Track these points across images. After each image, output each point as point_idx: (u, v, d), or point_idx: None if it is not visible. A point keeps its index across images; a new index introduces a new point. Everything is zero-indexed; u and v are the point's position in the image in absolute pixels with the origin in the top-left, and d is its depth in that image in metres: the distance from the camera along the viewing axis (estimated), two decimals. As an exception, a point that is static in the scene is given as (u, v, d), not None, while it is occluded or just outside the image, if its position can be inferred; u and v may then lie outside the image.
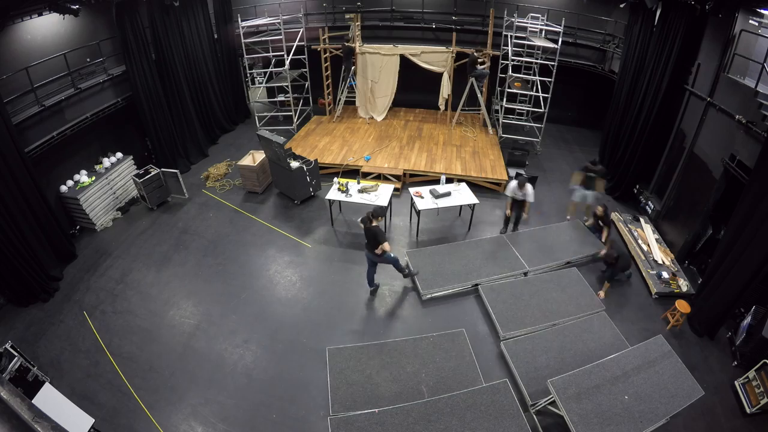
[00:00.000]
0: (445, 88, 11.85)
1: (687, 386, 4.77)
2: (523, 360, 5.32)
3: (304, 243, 7.99)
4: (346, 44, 11.48)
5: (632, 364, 4.99)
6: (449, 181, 8.65)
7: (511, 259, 7.02)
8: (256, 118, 12.38)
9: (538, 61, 10.67)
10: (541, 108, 10.91)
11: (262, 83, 12.54)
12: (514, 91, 10.96)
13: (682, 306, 6.07)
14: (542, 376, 5.01)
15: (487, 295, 6.33)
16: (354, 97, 12.91)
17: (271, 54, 11.06)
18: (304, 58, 11.91)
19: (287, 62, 11.06)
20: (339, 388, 5.13)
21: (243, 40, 10.99)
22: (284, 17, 10.98)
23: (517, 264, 6.96)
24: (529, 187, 7.30)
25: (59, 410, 4.56)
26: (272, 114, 12.72)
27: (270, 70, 11.74)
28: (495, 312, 6.03)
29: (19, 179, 6.52)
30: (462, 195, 8.10)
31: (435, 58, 11.58)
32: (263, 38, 11.31)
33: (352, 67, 11.93)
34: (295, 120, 12.15)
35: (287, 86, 11.53)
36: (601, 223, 7.42)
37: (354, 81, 12.13)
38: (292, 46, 11.24)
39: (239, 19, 10.89)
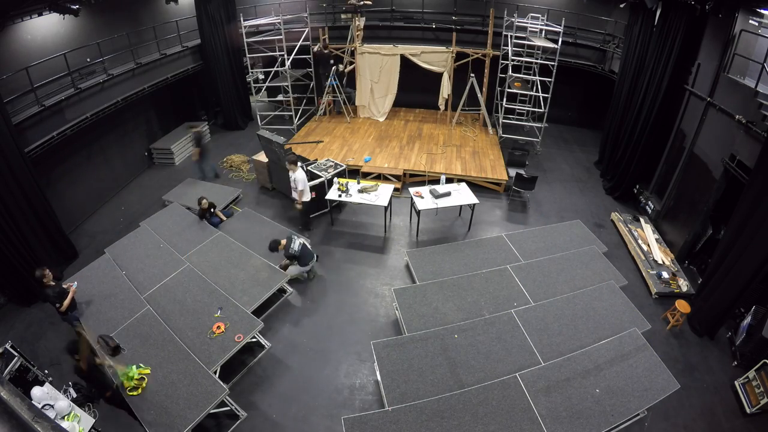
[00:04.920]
0: (445, 88, 11.86)
1: (662, 380, 4.76)
2: (536, 327, 5.52)
3: (304, 243, 7.99)
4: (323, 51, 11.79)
5: (605, 357, 4.99)
6: (449, 181, 8.65)
7: (511, 261, 7.02)
8: (258, 117, 12.39)
9: (538, 61, 10.67)
10: (541, 108, 10.92)
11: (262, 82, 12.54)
12: (514, 91, 10.97)
13: (682, 306, 6.07)
14: (555, 343, 5.28)
15: (516, 273, 6.53)
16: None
17: (276, 53, 11.01)
18: (310, 58, 11.88)
19: (287, 62, 11.06)
20: (411, 320, 5.69)
21: (245, 39, 11.00)
22: (285, 17, 10.98)
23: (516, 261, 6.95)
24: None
25: (59, 410, 4.56)
26: (275, 114, 12.70)
27: (276, 69, 11.74)
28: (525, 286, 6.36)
29: (20, 179, 6.51)
30: (462, 195, 8.10)
31: (435, 58, 11.58)
32: (265, 38, 11.32)
33: (332, 68, 11.98)
34: (295, 120, 12.15)
35: (287, 86, 11.53)
36: None
37: (335, 81, 12.16)
38: (295, 46, 11.23)
39: (241, 19, 10.90)
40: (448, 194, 8.00)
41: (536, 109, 11.31)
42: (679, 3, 7.21)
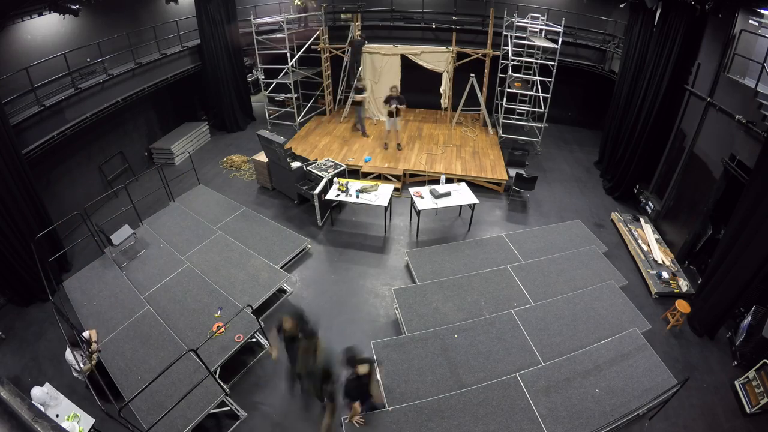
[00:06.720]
0: (445, 87, 11.85)
1: (662, 380, 4.77)
2: (536, 327, 5.54)
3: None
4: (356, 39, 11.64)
5: (605, 357, 5.00)
6: (449, 181, 8.65)
7: (511, 261, 7.02)
8: (266, 113, 12.38)
9: (538, 61, 10.66)
10: (541, 108, 10.92)
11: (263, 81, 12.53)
12: (514, 91, 10.96)
13: (682, 306, 6.07)
14: (555, 343, 5.31)
15: (516, 273, 6.54)
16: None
17: (287, 51, 11.02)
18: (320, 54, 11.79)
19: (290, 61, 11.06)
20: (411, 320, 5.71)
21: (255, 37, 11.04)
22: (296, 15, 10.99)
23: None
24: None
25: (59, 410, 4.56)
26: (281, 111, 12.70)
27: (284, 67, 11.70)
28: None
29: (16, 180, 6.48)
30: (462, 195, 8.10)
31: (435, 58, 11.58)
32: (276, 36, 11.30)
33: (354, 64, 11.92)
34: (297, 118, 12.14)
35: (290, 84, 11.53)
36: None
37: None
38: (304, 43, 11.26)
39: (252, 17, 10.91)
40: (448, 194, 8.00)
41: (536, 109, 11.31)
42: (679, 3, 7.21)
